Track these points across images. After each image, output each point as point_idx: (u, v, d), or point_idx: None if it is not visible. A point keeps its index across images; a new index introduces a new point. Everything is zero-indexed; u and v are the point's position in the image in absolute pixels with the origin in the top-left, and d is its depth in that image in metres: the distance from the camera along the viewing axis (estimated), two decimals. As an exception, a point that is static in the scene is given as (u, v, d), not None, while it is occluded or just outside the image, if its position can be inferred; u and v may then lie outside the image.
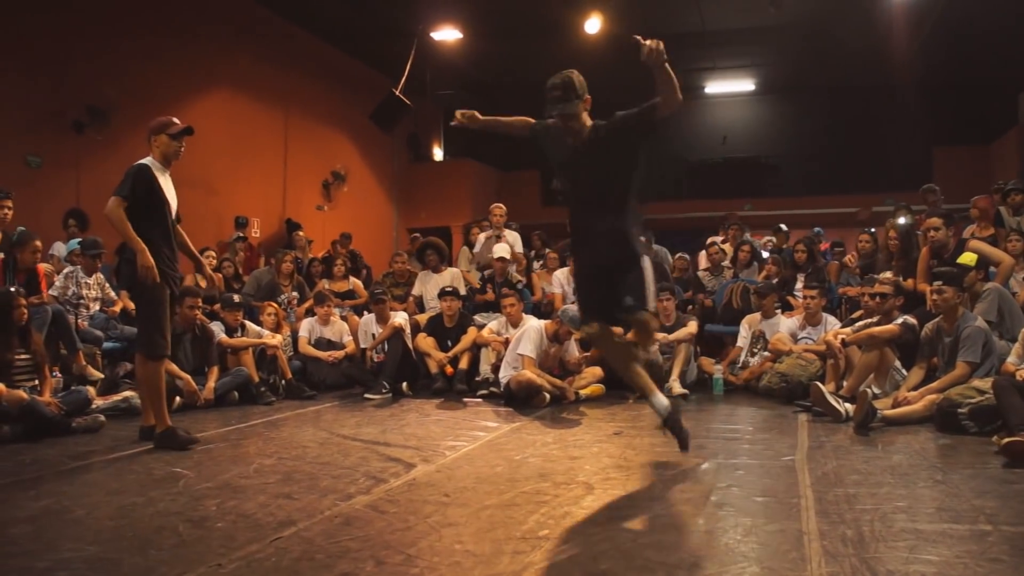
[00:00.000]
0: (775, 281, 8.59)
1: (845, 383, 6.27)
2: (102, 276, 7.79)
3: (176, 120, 5.24)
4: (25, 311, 5.92)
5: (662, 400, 4.32)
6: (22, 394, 5.45)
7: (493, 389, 7.32)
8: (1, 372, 5.62)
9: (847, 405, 5.73)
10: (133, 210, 5.00)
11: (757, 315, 7.91)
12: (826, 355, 6.66)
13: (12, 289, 6.12)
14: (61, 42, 9.77)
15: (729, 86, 19.13)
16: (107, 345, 7.37)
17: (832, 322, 7.33)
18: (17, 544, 3.12)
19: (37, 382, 5.84)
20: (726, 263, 9.78)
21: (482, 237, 10.07)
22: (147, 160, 5.15)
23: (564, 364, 7.15)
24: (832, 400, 5.78)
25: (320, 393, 7.67)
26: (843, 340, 6.39)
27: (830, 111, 18.51)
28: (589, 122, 4.40)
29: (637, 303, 4.28)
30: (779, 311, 7.98)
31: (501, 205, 10.09)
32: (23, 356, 5.85)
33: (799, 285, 8.32)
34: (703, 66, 17.61)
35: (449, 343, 7.94)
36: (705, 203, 18.13)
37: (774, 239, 11.75)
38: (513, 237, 9.89)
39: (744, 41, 15.69)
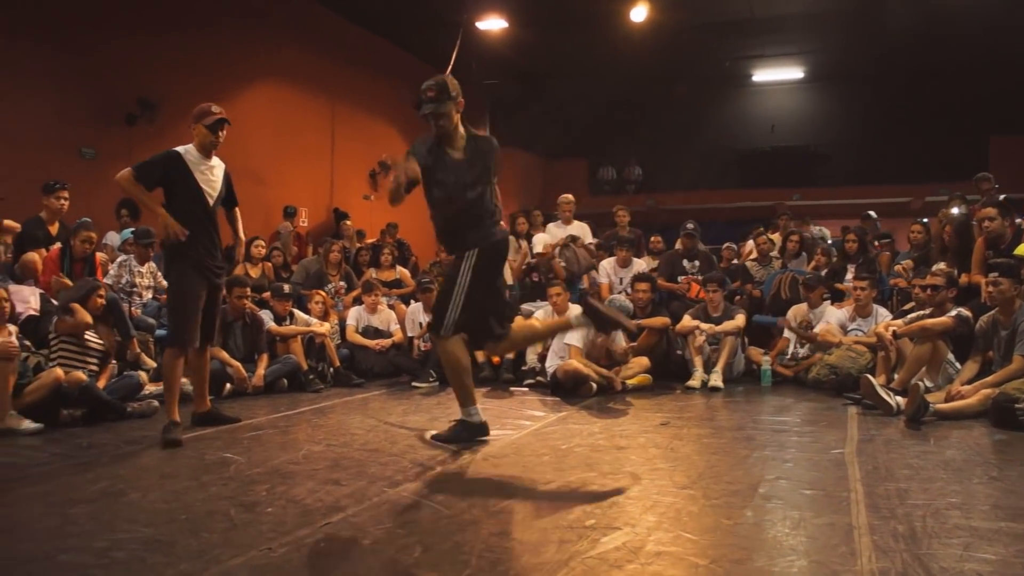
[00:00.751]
0: (824, 272, 8.48)
1: (896, 376, 6.17)
2: (154, 265, 7.92)
3: (215, 109, 5.14)
4: (102, 301, 6.09)
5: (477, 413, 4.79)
6: (81, 376, 5.59)
7: (539, 378, 7.34)
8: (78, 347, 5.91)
9: (898, 398, 5.64)
10: (166, 198, 5.06)
11: (803, 306, 7.79)
12: (877, 347, 6.55)
13: (92, 278, 6.34)
14: (112, 36, 9.95)
15: (777, 74, 18.91)
16: (160, 332, 7.48)
17: (883, 314, 7.21)
18: (76, 524, 3.21)
19: (97, 368, 5.99)
20: (774, 253, 9.67)
21: (557, 232, 9.73)
22: (182, 148, 5.12)
23: (611, 354, 7.12)
24: (883, 393, 5.70)
25: (368, 381, 7.72)
26: (895, 332, 6.29)
27: (882, 98, 18.18)
28: (462, 128, 4.68)
29: (434, 326, 4.75)
30: (827, 302, 7.87)
31: (570, 197, 9.95)
32: (97, 341, 6.00)
33: (849, 275, 8.20)
34: (751, 54, 17.42)
35: (495, 332, 7.95)
36: (753, 192, 17.98)
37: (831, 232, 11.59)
38: (583, 228, 9.82)
39: (793, 28, 15.47)
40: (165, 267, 5.19)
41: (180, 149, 5.10)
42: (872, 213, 11.06)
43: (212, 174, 5.20)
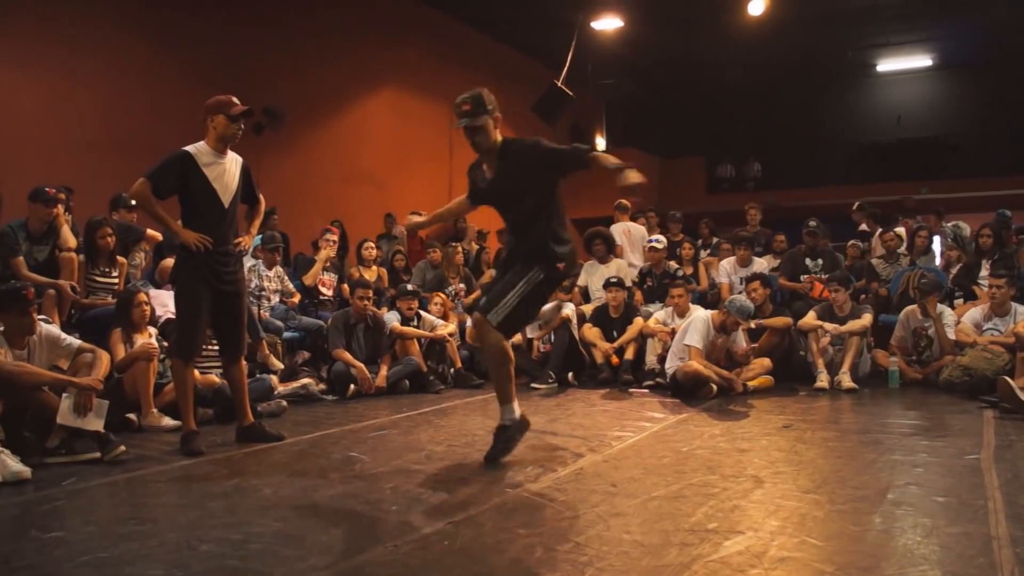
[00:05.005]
0: (956, 269, 8.12)
1: (1038, 378, 5.87)
2: (281, 269, 8.20)
3: (236, 100, 4.81)
4: None
5: (514, 411, 4.37)
6: (214, 379, 5.87)
7: (659, 380, 7.29)
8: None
9: (1040, 402, 5.37)
10: (180, 203, 4.81)
11: (916, 308, 7.43)
12: (1015, 348, 6.25)
13: None
14: (237, 47, 10.33)
15: (903, 63, 18.21)
16: (287, 335, 7.74)
17: (1022, 312, 6.86)
18: (214, 516, 3.37)
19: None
20: (902, 250, 9.32)
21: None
22: (192, 147, 4.78)
23: (731, 355, 7.01)
24: (1023, 396, 5.43)
25: (488, 382, 7.78)
26: (1036, 332, 5.99)
27: (1017, 84, 17.22)
28: (499, 138, 4.43)
29: (484, 306, 4.39)
30: (947, 306, 7.53)
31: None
32: (213, 346, 6.24)
33: (984, 272, 7.84)
34: (875, 42, 16.84)
35: (615, 333, 7.93)
36: (877, 187, 17.27)
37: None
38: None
39: (920, 14, 14.86)
40: (172, 273, 4.98)
41: (190, 148, 4.77)
42: (1007, 212, 10.51)
43: (227, 172, 4.86)
